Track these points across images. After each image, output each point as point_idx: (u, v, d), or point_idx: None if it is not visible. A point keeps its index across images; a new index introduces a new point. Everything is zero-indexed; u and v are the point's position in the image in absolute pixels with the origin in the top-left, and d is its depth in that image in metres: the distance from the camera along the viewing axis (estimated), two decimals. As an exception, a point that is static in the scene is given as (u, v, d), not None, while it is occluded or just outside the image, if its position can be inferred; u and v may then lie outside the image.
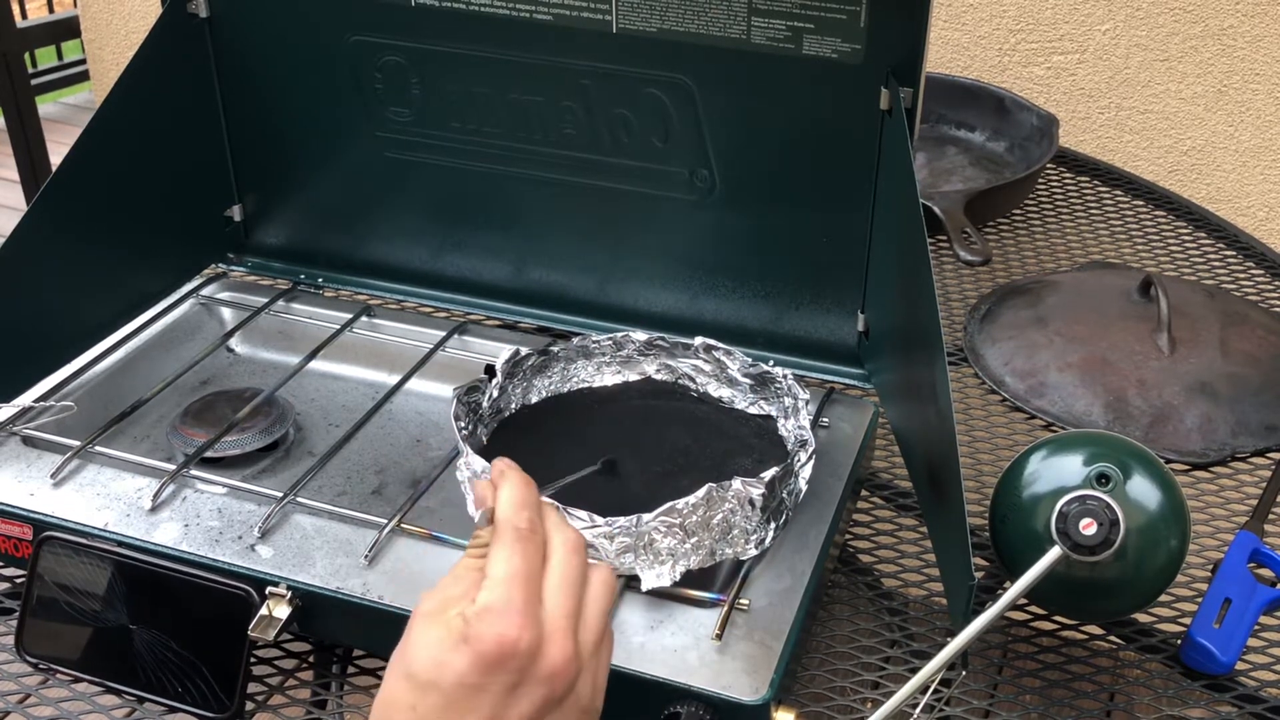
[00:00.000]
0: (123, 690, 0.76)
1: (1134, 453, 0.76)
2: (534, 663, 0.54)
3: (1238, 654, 0.78)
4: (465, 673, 0.53)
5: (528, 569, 0.55)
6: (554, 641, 0.54)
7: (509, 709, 0.53)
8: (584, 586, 0.57)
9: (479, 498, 0.59)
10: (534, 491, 0.59)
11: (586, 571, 0.58)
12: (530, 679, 0.54)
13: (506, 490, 0.58)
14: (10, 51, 2.58)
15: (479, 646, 0.53)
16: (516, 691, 0.54)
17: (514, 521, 0.57)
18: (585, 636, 0.56)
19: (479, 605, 0.54)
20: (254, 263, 1.09)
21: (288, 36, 0.98)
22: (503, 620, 0.53)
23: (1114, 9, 1.69)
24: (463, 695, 0.53)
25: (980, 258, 1.12)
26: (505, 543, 0.56)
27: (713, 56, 0.88)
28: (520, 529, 0.57)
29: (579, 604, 0.56)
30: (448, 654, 0.53)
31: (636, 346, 0.91)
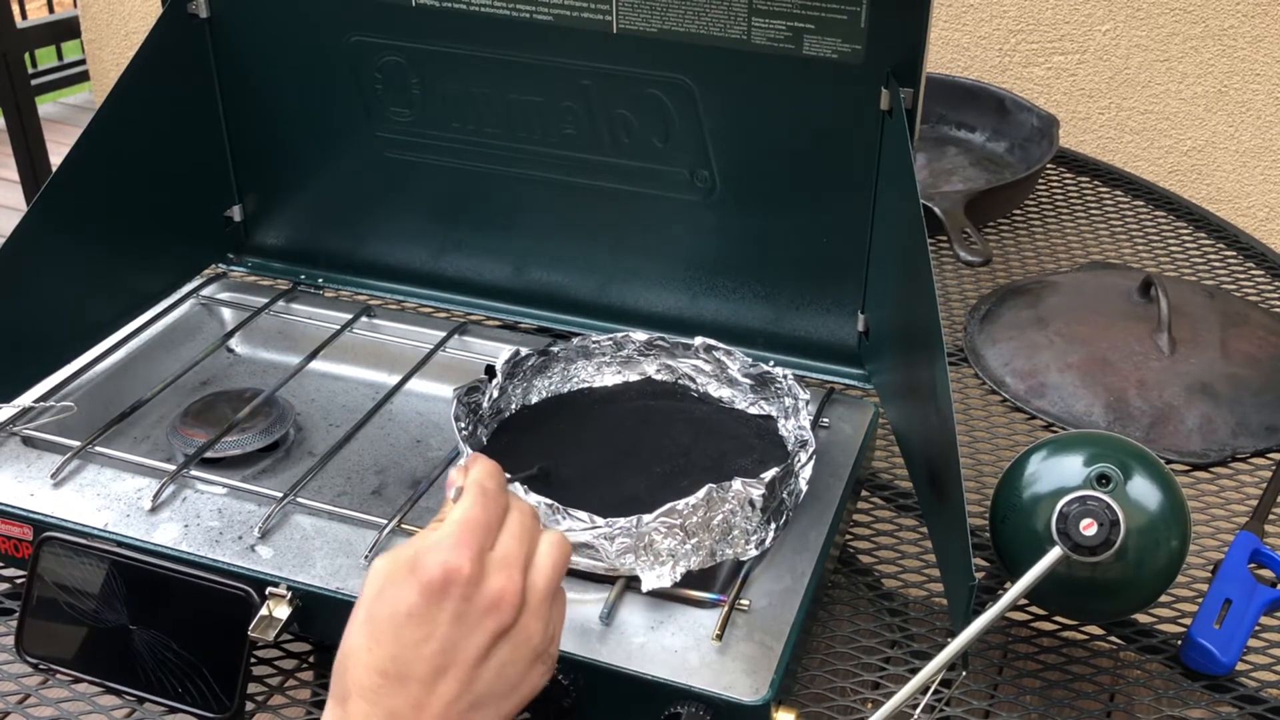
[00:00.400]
0: (123, 690, 0.76)
1: (1134, 453, 0.76)
2: (476, 590, 0.56)
3: (1238, 654, 0.78)
4: (413, 603, 0.55)
5: (485, 519, 0.58)
6: (497, 573, 0.57)
7: (460, 641, 0.56)
8: (535, 542, 0.60)
9: (450, 480, 0.62)
10: (501, 473, 0.62)
11: (539, 531, 0.61)
12: (474, 609, 0.56)
13: (478, 466, 0.61)
14: (10, 51, 2.58)
15: (424, 575, 0.56)
16: (464, 622, 0.56)
17: (480, 482, 0.60)
18: (534, 580, 0.59)
19: (429, 541, 0.57)
20: (254, 263, 1.09)
21: (288, 36, 0.98)
22: (447, 552, 0.56)
23: (1114, 9, 1.69)
24: (413, 626, 0.55)
25: (980, 258, 1.12)
26: (467, 496, 0.59)
27: (713, 57, 0.88)
28: (485, 488, 0.60)
29: (529, 554, 0.59)
30: (397, 588, 0.56)
31: (637, 347, 0.91)
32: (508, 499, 0.61)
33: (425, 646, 0.55)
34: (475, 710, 0.57)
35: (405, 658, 0.55)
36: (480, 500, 0.59)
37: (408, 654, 0.55)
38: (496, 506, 0.59)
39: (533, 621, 0.58)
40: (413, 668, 0.55)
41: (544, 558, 0.60)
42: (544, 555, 0.60)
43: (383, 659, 0.56)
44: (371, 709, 0.55)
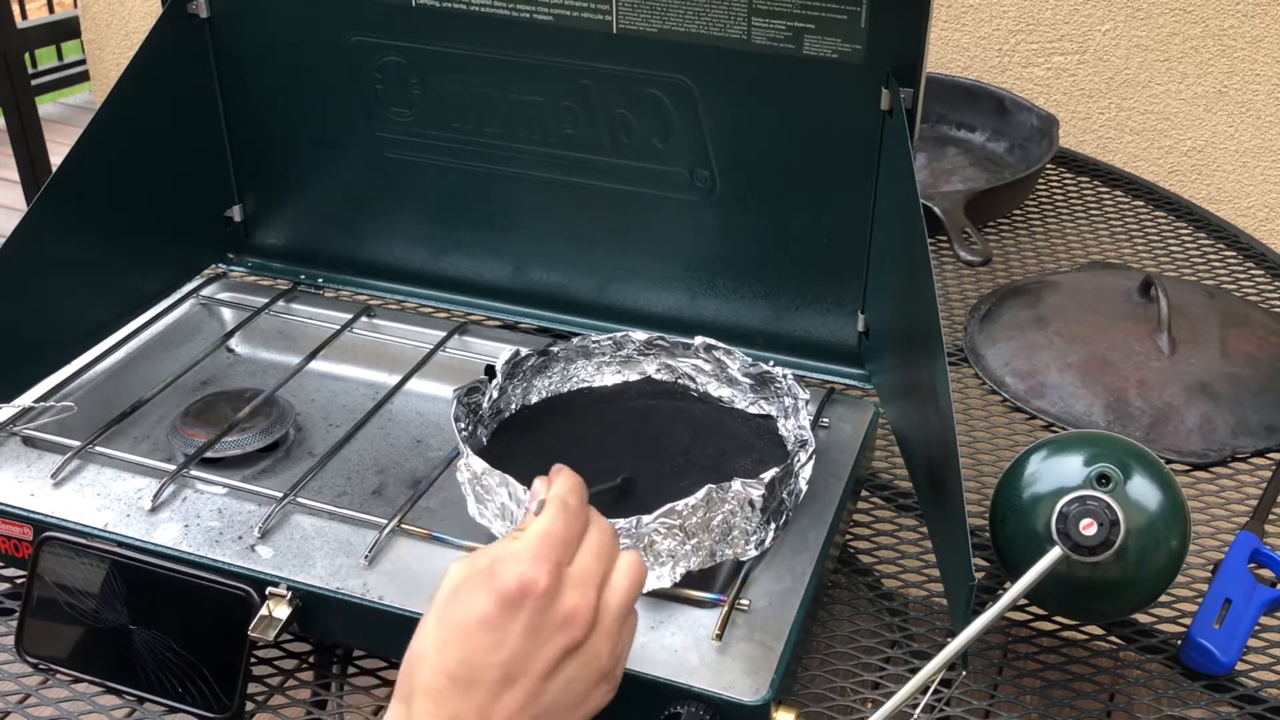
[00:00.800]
0: (123, 690, 0.76)
1: (1134, 453, 0.76)
2: (551, 605, 0.57)
3: (1238, 654, 0.78)
4: (487, 610, 0.56)
5: (564, 533, 0.59)
6: (572, 590, 0.57)
7: (531, 653, 0.56)
8: (613, 562, 0.61)
9: (534, 492, 0.63)
10: (584, 488, 0.63)
11: (617, 551, 0.61)
12: (548, 623, 0.56)
13: (561, 478, 0.62)
14: (10, 52, 2.58)
15: (500, 585, 0.56)
16: (537, 635, 0.56)
17: (563, 497, 0.61)
18: (609, 600, 0.59)
19: (508, 551, 0.58)
20: (254, 263, 1.09)
21: (288, 36, 0.98)
22: (526, 564, 0.57)
23: (1114, 9, 1.69)
24: (485, 634, 0.56)
25: (980, 258, 1.12)
26: (549, 510, 0.60)
27: (713, 57, 0.88)
28: (567, 503, 0.60)
29: (606, 574, 0.60)
30: (472, 594, 0.57)
31: (636, 346, 0.91)
32: (589, 515, 0.61)
33: (495, 655, 0.56)
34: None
35: (474, 663, 0.56)
36: (562, 515, 0.59)
37: (477, 660, 0.56)
38: (577, 522, 0.60)
39: (602, 641, 0.59)
40: (481, 674, 0.56)
41: (620, 578, 0.60)
42: (620, 575, 0.60)
43: (451, 663, 0.56)
44: (436, 710, 0.56)
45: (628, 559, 0.61)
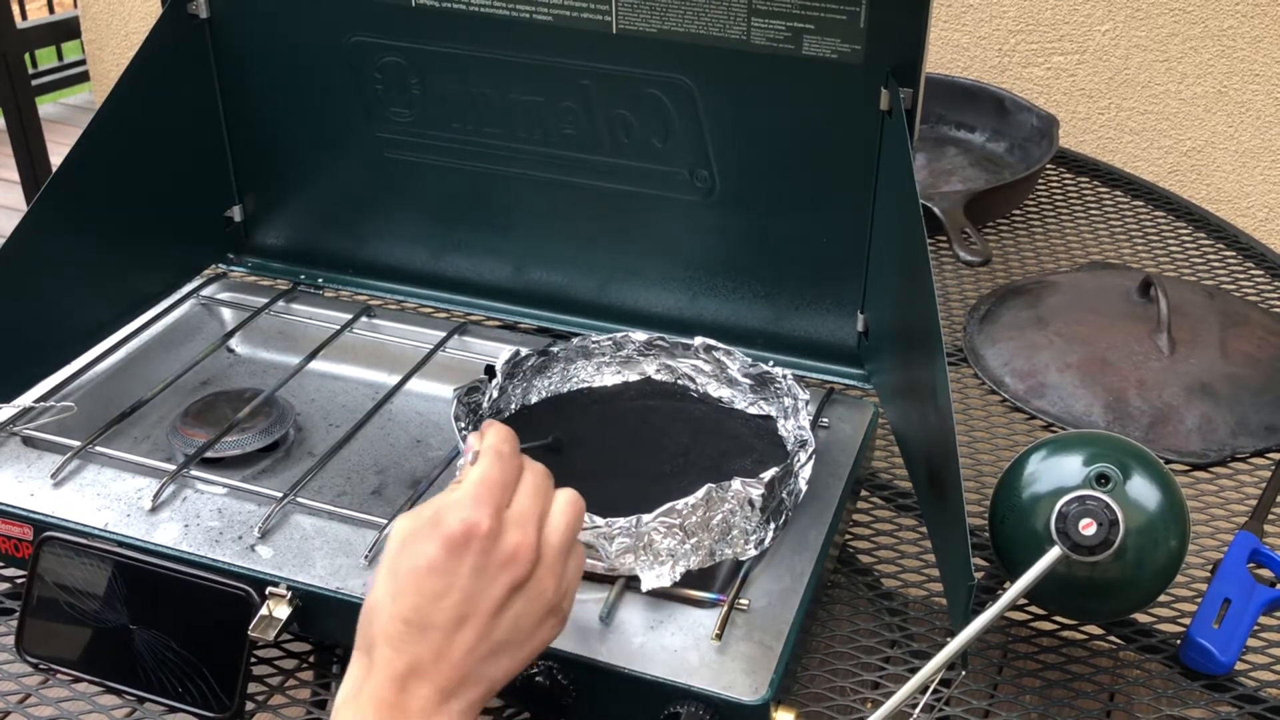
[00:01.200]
0: (123, 690, 0.76)
1: (1134, 453, 0.76)
2: (495, 544, 0.59)
3: (1237, 654, 0.78)
4: (434, 556, 0.59)
5: (500, 479, 0.62)
6: (514, 529, 0.60)
7: (479, 592, 0.59)
8: (550, 501, 0.63)
9: (468, 446, 0.66)
10: (515, 438, 0.65)
11: (553, 491, 0.64)
12: (493, 562, 0.59)
13: (493, 431, 0.65)
14: (10, 52, 2.58)
15: (445, 530, 0.59)
16: (483, 574, 0.59)
17: (495, 446, 0.63)
18: (549, 536, 0.62)
19: (450, 500, 0.61)
20: (254, 263, 1.09)
21: (288, 36, 0.98)
22: (467, 509, 0.59)
23: (1114, 9, 1.69)
24: (434, 577, 0.59)
25: (980, 258, 1.12)
26: (484, 459, 0.62)
27: (713, 57, 0.88)
28: (500, 451, 0.63)
29: (543, 511, 0.62)
30: (419, 543, 0.59)
31: (636, 347, 0.91)
32: (522, 461, 0.64)
33: (446, 598, 0.58)
34: (492, 657, 0.60)
35: (427, 608, 0.58)
36: (496, 462, 0.62)
37: (429, 604, 0.58)
38: (512, 468, 0.63)
39: (547, 576, 0.61)
40: (434, 617, 0.58)
41: (558, 515, 0.63)
42: (558, 513, 0.63)
43: (405, 609, 0.59)
44: (395, 655, 0.58)
45: (564, 496, 0.64)
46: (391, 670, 0.58)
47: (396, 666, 0.58)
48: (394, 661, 0.58)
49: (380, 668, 0.59)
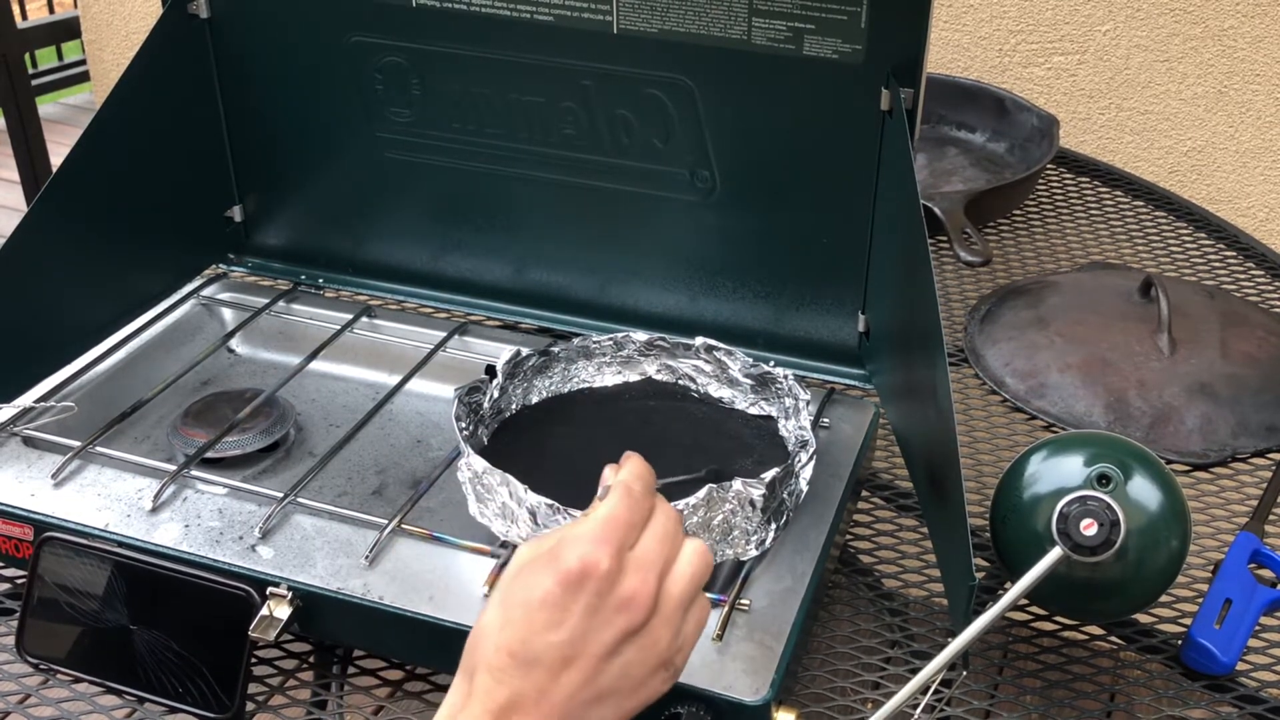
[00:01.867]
0: (123, 691, 0.76)
1: (1134, 453, 0.76)
2: (612, 587, 0.57)
3: (1238, 654, 0.78)
4: (549, 590, 0.56)
5: (628, 518, 0.59)
6: (633, 574, 0.58)
7: (590, 634, 0.56)
8: (677, 549, 0.60)
9: (603, 479, 0.64)
10: (652, 473, 0.63)
11: (682, 538, 0.61)
12: (607, 605, 0.57)
13: (629, 465, 0.63)
14: (10, 52, 2.57)
15: (562, 565, 0.57)
16: (596, 615, 0.56)
17: (627, 482, 0.61)
18: (670, 588, 0.59)
19: (572, 534, 0.58)
20: (254, 263, 1.09)
21: (288, 36, 0.98)
22: (587, 545, 0.57)
23: (1114, 10, 1.69)
24: (546, 613, 0.56)
25: (980, 258, 1.12)
26: (614, 494, 0.60)
27: (713, 57, 0.88)
28: (632, 489, 0.60)
29: (669, 559, 0.60)
30: (535, 574, 0.57)
31: (637, 347, 0.91)
32: (654, 502, 0.62)
33: (555, 634, 0.56)
34: (595, 705, 0.57)
35: (534, 643, 0.56)
36: (625, 500, 0.60)
37: (537, 639, 0.56)
38: (642, 508, 0.60)
39: (662, 627, 0.59)
40: (541, 653, 0.56)
41: (684, 565, 0.60)
42: (684, 563, 0.60)
43: (512, 640, 0.57)
44: (496, 686, 0.56)
45: (692, 546, 0.61)
46: (491, 702, 0.56)
47: (497, 698, 0.56)
48: (494, 693, 0.56)
49: (479, 697, 0.56)
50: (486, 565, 0.76)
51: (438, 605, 0.73)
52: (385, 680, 0.78)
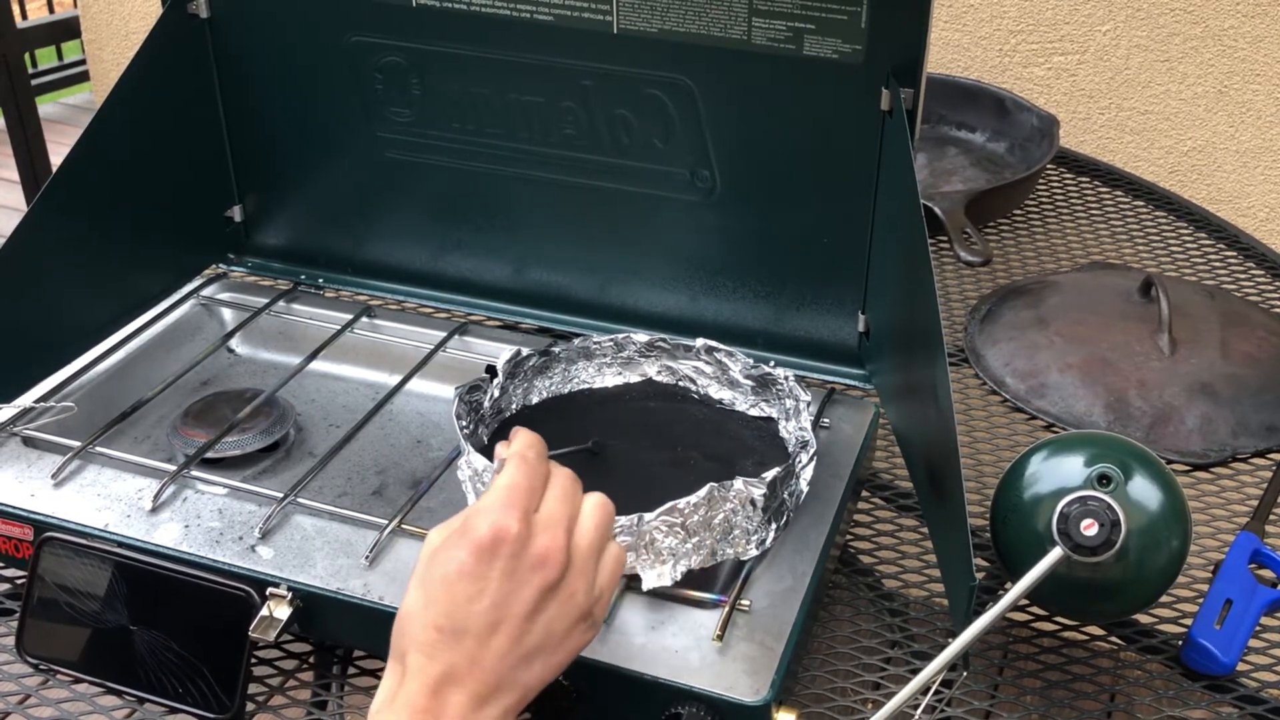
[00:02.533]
0: (123, 691, 0.76)
1: (1135, 453, 0.76)
2: (524, 548, 0.59)
3: (1239, 655, 0.78)
4: (465, 561, 0.59)
5: (528, 484, 0.62)
6: (543, 532, 0.60)
7: (510, 596, 0.59)
8: (579, 504, 0.63)
9: (497, 454, 0.66)
10: (542, 442, 0.66)
11: (580, 494, 0.64)
12: (523, 566, 0.59)
13: (520, 438, 0.65)
14: (10, 52, 2.57)
15: (474, 535, 0.59)
16: (514, 578, 0.59)
17: (521, 452, 0.64)
18: (579, 540, 0.62)
19: (478, 505, 0.61)
20: (254, 263, 1.09)
21: (288, 36, 0.98)
22: (496, 513, 0.60)
23: (1114, 9, 1.69)
24: (465, 584, 0.59)
25: (981, 258, 1.12)
26: (510, 465, 0.63)
27: (713, 57, 0.88)
28: (526, 456, 0.63)
29: (573, 514, 0.63)
30: (448, 549, 0.60)
31: (637, 348, 0.91)
32: (549, 467, 0.64)
33: (478, 603, 0.59)
34: (525, 663, 0.60)
35: (459, 614, 0.59)
36: (522, 467, 0.62)
37: (461, 610, 0.59)
38: (538, 473, 0.63)
39: (578, 579, 0.61)
40: (467, 623, 0.59)
41: (587, 518, 0.63)
42: (587, 516, 0.63)
43: (438, 615, 0.59)
44: (429, 662, 0.58)
45: (593, 499, 0.64)
46: (425, 677, 0.58)
47: (430, 674, 0.58)
48: (428, 669, 0.58)
49: (414, 675, 0.58)
50: (486, 565, 0.76)
51: (438, 605, 0.73)
52: (385, 680, 0.78)
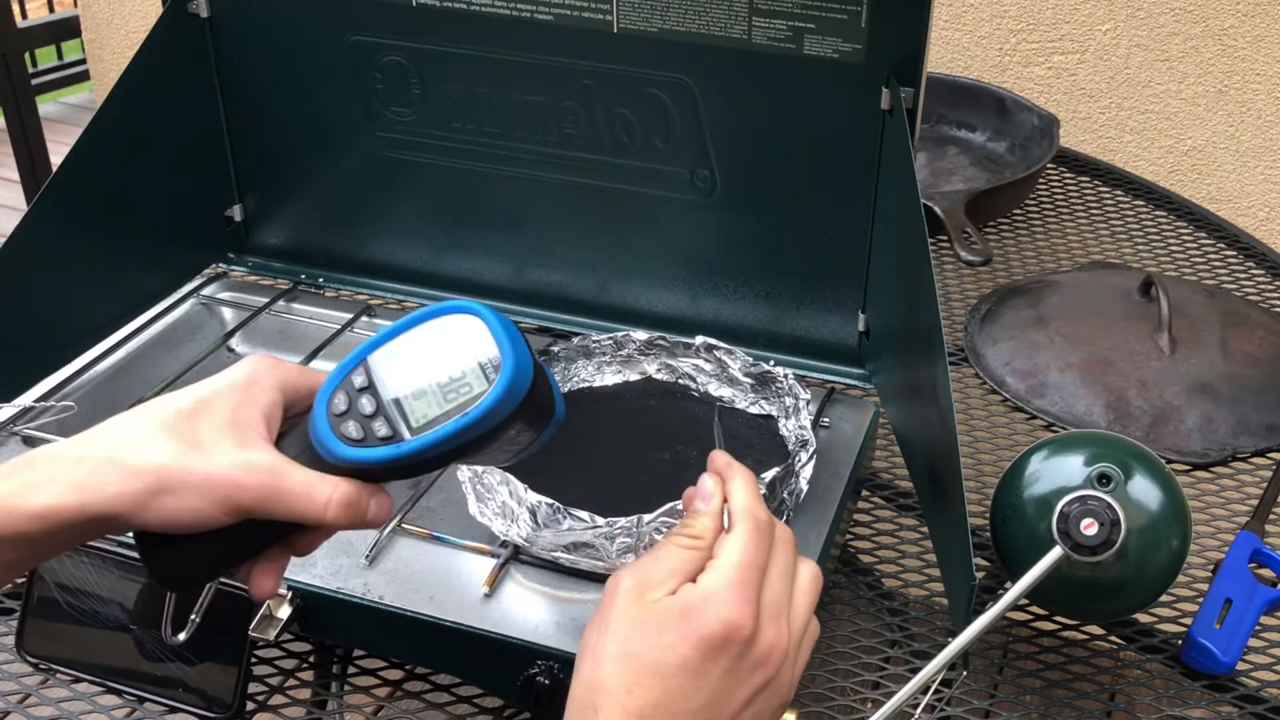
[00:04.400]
0: (123, 691, 0.76)
1: (1135, 453, 0.76)
2: (751, 646, 0.54)
3: (1239, 654, 0.78)
4: (689, 656, 0.53)
5: (758, 558, 0.55)
6: (769, 624, 0.54)
7: (727, 695, 0.53)
8: (794, 575, 0.58)
9: (706, 492, 0.59)
10: (754, 481, 0.59)
11: (796, 562, 0.58)
12: (746, 664, 0.54)
13: (741, 480, 0.59)
14: (10, 51, 2.58)
15: (703, 629, 0.53)
16: (734, 676, 0.53)
17: (754, 511, 0.57)
18: (794, 626, 0.56)
19: (705, 587, 0.54)
20: (254, 262, 1.09)
21: (288, 36, 0.98)
22: (729, 605, 0.53)
23: (1114, 9, 1.69)
24: (683, 679, 0.53)
25: (981, 258, 1.12)
26: (743, 531, 0.56)
27: (714, 56, 0.88)
28: (760, 519, 0.57)
29: (791, 594, 0.57)
30: (666, 634, 0.53)
31: (637, 346, 0.91)
32: (773, 527, 0.58)
33: (692, 700, 0.53)
34: None
35: (670, 708, 0.53)
36: (754, 538, 0.56)
37: (673, 705, 0.53)
38: (767, 542, 0.57)
39: (789, 671, 0.56)
40: (676, 718, 0.53)
41: (802, 596, 0.57)
42: (802, 594, 0.57)
43: (644, 705, 0.53)
44: None
45: (806, 573, 0.58)
46: None
47: None
48: None
49: None
50: (487, 565, 0.76)
51: (438, 605, 0.73)
52: (385, 680, 0.78)
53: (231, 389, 0.56)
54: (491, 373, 0.53)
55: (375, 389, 0.54)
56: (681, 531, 0.57)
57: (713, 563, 0.55)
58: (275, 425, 0.57)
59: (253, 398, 0.56)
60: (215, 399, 0.55)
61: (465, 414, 0.53)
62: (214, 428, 0.54)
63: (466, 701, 0.76)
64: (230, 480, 0.53)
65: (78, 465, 0.53)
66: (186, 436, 0.54)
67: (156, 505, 0.53)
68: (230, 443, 0.54)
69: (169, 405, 0.55)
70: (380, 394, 0.54)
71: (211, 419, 0.55)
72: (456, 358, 0.54)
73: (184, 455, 0.53)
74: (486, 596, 0.74)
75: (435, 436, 0.53)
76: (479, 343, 0.54)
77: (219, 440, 0.54)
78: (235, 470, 0.53)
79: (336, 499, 0.54)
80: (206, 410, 0.55)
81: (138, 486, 0.53)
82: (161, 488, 0.53)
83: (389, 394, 0.54)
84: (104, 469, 0.53)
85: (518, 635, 0.71)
